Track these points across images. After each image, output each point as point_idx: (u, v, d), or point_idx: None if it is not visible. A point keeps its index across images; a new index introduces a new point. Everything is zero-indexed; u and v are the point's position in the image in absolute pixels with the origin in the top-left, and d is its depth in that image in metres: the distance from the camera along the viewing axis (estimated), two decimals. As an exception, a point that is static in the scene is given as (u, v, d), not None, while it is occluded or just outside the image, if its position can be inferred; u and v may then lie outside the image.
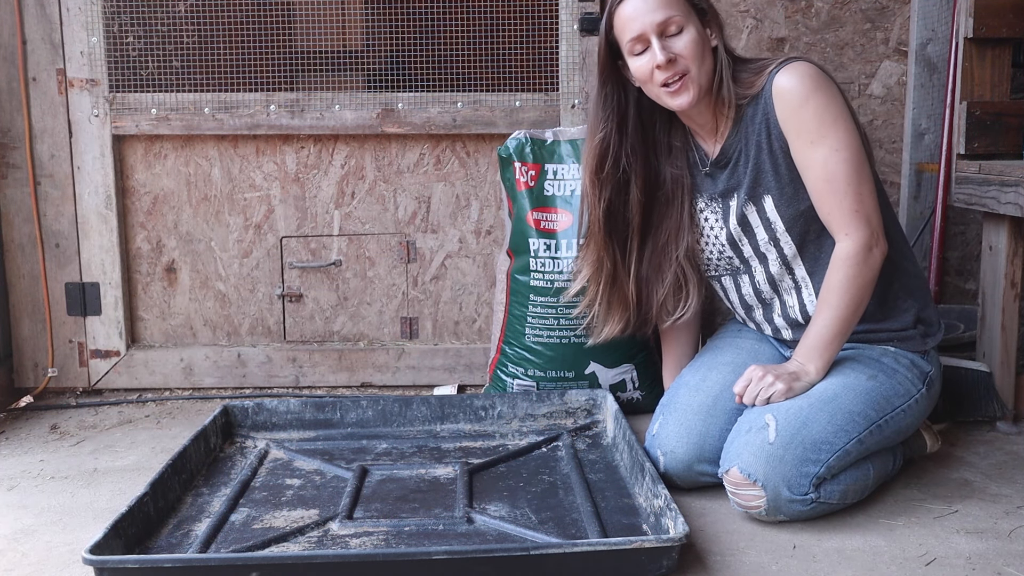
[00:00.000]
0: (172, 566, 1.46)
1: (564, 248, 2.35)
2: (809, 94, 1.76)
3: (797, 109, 1.77)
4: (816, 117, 1.76)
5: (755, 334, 2.07)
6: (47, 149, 2.54)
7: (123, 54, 2.55)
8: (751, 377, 1.81)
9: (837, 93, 1.79)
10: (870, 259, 1.78)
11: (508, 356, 2.41)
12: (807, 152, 1.78)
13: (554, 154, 2.38)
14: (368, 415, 2.23)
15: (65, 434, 2.33)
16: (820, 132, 1.76)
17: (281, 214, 2.64)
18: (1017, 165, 2.14)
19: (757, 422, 1.74)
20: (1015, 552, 1.63)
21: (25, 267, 2.58)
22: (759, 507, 1.71)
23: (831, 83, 1.79)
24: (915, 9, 2.57)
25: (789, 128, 1.79)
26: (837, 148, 1.76)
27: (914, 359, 1.88)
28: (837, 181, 1.77)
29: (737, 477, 1.72)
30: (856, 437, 1.74)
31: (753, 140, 1.85)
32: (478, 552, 1.49)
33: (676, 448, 1.86)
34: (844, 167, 1.76)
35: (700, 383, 1.94)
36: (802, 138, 1.78)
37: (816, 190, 1.80)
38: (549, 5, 2.53)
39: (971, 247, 2.72)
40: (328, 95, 2.56)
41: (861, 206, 1.77)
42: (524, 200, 2.38)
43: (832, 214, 1.79)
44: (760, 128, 1.83)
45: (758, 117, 1.83)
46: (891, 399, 1.80)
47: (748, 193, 1.88)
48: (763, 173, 1.85)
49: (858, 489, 1.78)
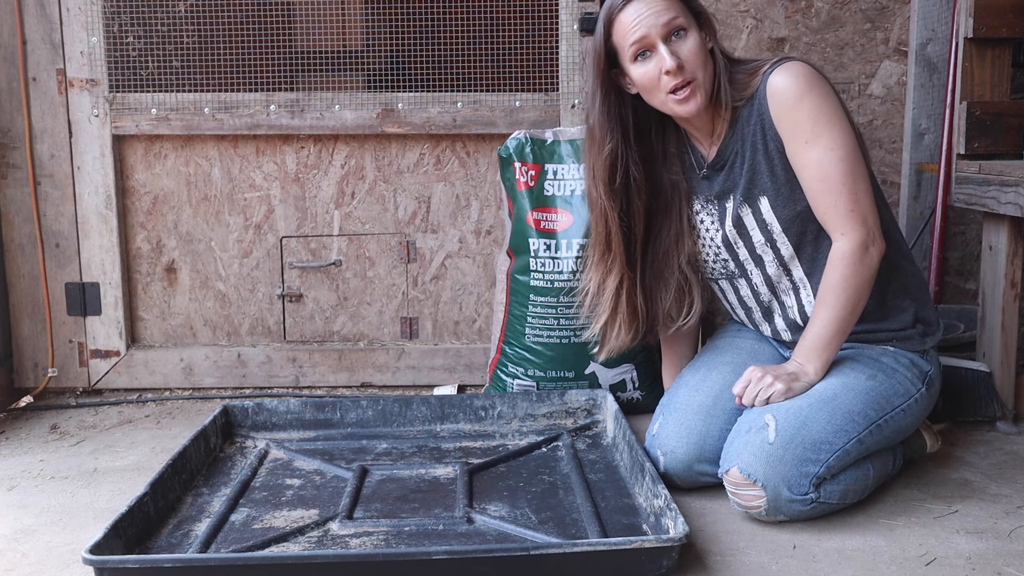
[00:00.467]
0: (172, 566, 1.47)
1: (564, 248, 2.35)
2: (803, 93, 1.75)
3: (791, 109, 1.76)
4: (810, 117, 1.75)
5: (755, 334, 2.07)
6: (47, 149, 2.54)
7: (123, 54, 2.55)
8: (750, 378, 1.81)
9: (831, 92, 1.79)
10: (867, 258, 1.78)
11: (508, 356, 2.41)
12: (802, 152, 1.78)
13: (554, 154, 2.38)
14: (368, 415, 2.23)
15: (65, 434, 2.33)
16: (815, 132, 1.75)
17: (281, 214, 2.64)
18: (1017, 165, 2.14)
19: (757, 422, 1.74)
20: (1015, 552, 1.63)
21: (25, 267, 2.58)
22: (759, 507, 1.71)
23: (824, 82, 1.79)
24: (915, 9, 2.57)
25: (784, 128, 1.79)
26: (832, 147, 1.75)
27: (913, 359, 1.88)
28: (832, 180, 1.76)
29: (737, 477, 1.72)
30: (856, 437, 1.74)
31: (748, 141, 1.85)
32: (478, 552, 1.49)
33: (676, 448, 1.86)
34: (839, 166, 1.76)
35: (700, 383, 1.94)
36: (797, 138, 1.77)
37: (812, 190, 1.79)
38: (549, 5, 2.53)
39: (971, 247, 2.72)
40: (328, 95, 2.56)
41: (857, 205, 1.77)
42: (524, 200, 2.38)
43: (828, 214, 1.79)
44: (755, 129, 1.83)
45: (753, 118, 1.83)
46: (891, 399, 1.80)
47: (744, 194, 1.88)
48: (759, 174, 1.85)
49: (858, 489, 1.78)
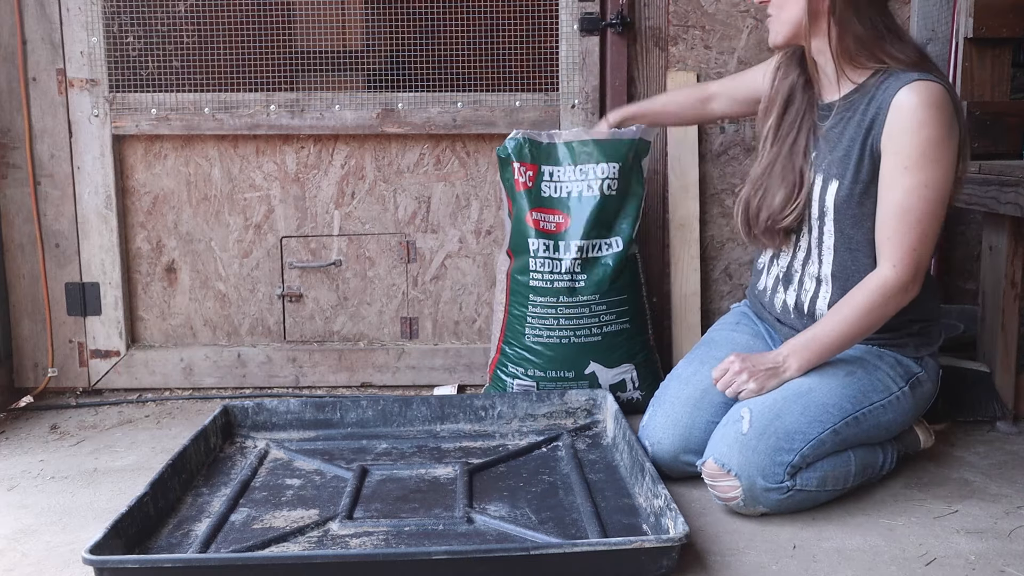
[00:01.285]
0: (172, 566, 1.47)
1: (563, 249, 2.35)
2: (925, 123, 1.73)
3: (907, 133, 1.74)
4: (920, 148, 1.74)
5: (751, 329, 2.08)
6: (47, 149, 2.54)
7: (123, 54, 2.55)
8: (728, 367, 1.84)
9: (952, 128, 1.75)
10: (901, 298, 1.79)
11: (508, 356, 2.41)
12: (897, 174, 1.76)
13: (550, 156, 2.38)
14: (368, 415, 2.23)
15: (65, 434, 2.33)
16: (919, 164, 1.74)
17: (281, 214, 2.64)
18: (1017, 165, 2.14)
19: (733, 415, 1.80)
20: (1015, 552, 1.63)
21: (25, 267, 2.58)
22: (736, 498, 1.74)
23: (950, 115, 1.75)
24: (915, 9, 2.57)
25: (892, 144, 1.77)
26: (927, 184, 1.74)
27: (899, 357, 1.89)
28: (911, 214, 1.75)
29: (713, 468, 1.76)
30: (831, 428, 1.77)
31: (853, 125, 1.83)
32: (478, 552, 1.49)
33: (663, 439, 1.91)
34: (925, 205, 1.75)
35: (691, 376, 1.98)
36: (899, 158, 1.76)
37: (887, 211, 1.78)
38: (549, 5, 2.53)
39: (971, 247, 2.72)
40: (328, 95, 2.56)
41: (920, 246, 1.77)
42: (523, 200, 2.38)
43: (890, 240, 1.78)
44: (866, 120, 1.81)
45: (870, 112, 1.80)
46: (868, 393, 1.82)
47: (826, 168, 1.87)
48: (849, 159, 1.84)
49: (839, 476, 1.80)
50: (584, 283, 2.35)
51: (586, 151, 2.36)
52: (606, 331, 2.37)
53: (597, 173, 2.35)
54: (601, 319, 2.36)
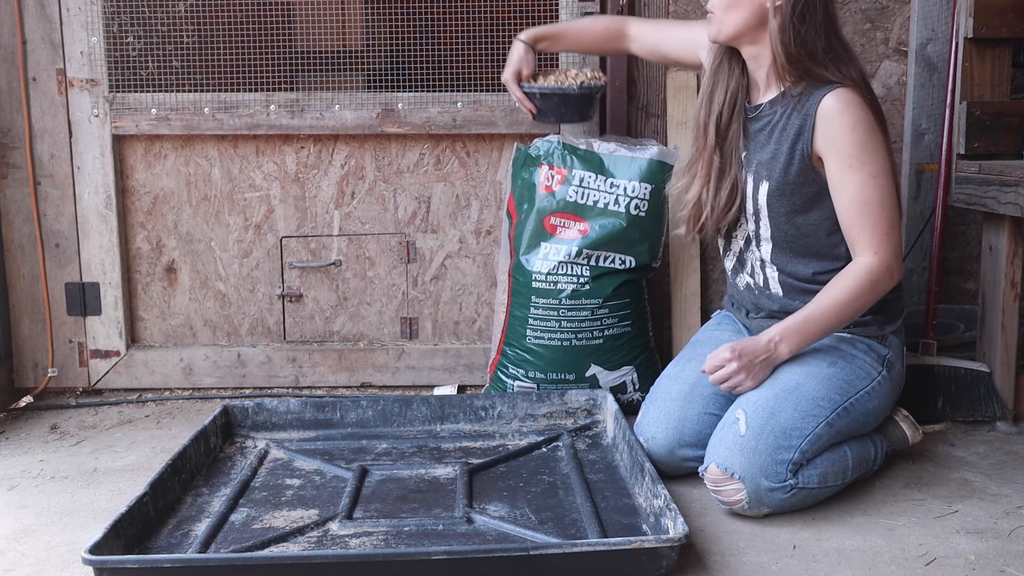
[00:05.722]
0: (172, 566, 1.47)
1: (577, 256, 2.32)
2: (855, 122, 1.83)
3: (842, 135, 1.83)
4: (859, 145, 1.83)
5: (733, 327, 2.12)
6: (47, 149, 2.54)
7: (123, 54, 2.54)
8: (721, 363, 1.85)
9: (880, 123, 1.88)
10: (887, 282, 1.86)
11: (509, 357, 2.41)
12: (844, 173, 1.85)
13: (585, 163, 2.35)
14: (368, 415, 2.23)
15: (65, 434, 2.33)
16: (861, 159, 1.83)
17: (281, 214, 2.64)
18: (1017, 165, 2.14)
19: (729, 418, 1.83)
20: (1015, 552, 1.63)
21: (25, 267, 2.58)
22: (741, 500, 1.75)
23: (873, 115, 1.87)
24: (915, 9, 2.57)
25: (830, 148, 1.85)
26: (875, 175, 1.84)
27: (870, 344, 1.95)
28: (872, 203, 1.84)
29: (715, 473, 1.77)
30: (824, 420, 1.81)
31: (779, 130, 1.90)
32: (478, 552, 1.49)
33: (657, 434, 1.94)
34: (880, 193, 1.84)
35: (679, 373, 2.02)
36: (841, 158, 1.84)
37: (848, 209, 1.86)
38: (549, 5, 2.53)
39: (971, 247, 2.72)
40: (328, 95, 2.56)
41: (892, 230, 1.86)
42: (544, 203, 2.36)
43: (863, 231, 1.85)
44: (790, 127, 1.88)
45: (796, 119, 1.87)
46: (853, 382, 1.87)
47: (756, 168, 1.94)
48: (776, 162, 1.91)
49: (837, 471, 1.83)
50: (590, 289, 2.34)
51: (623, 165, 2.35)
52: (608, 334, 2.37)
53: (628, 191, 2.33)
54: (603, 322, 2.36)
